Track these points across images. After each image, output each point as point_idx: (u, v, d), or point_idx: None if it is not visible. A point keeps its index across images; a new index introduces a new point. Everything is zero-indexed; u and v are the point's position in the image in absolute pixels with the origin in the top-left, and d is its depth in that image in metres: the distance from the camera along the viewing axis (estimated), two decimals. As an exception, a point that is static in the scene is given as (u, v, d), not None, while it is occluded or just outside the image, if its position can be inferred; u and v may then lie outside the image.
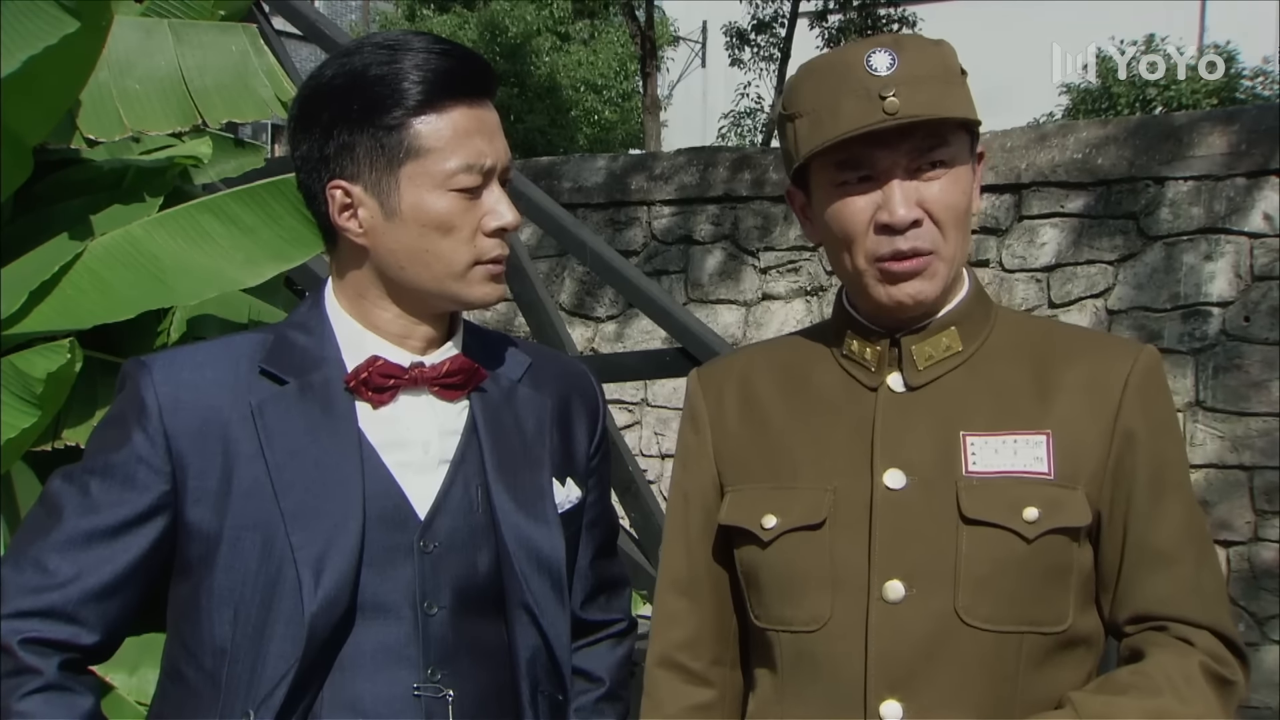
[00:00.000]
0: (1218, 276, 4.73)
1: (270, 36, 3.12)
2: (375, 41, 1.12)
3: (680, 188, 5.99)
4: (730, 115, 9.67)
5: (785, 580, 1.14)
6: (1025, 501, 1.09)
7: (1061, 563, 1.10)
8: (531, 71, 10.64)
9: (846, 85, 1.09)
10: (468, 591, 1.14)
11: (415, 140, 1.08)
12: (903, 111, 1.07)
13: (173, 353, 1.21)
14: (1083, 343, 1.18)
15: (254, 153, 2.86)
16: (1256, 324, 4.65)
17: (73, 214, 2.43)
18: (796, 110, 1.13)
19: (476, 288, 1.14)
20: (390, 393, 1.14)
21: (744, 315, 5.84)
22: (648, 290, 3.64)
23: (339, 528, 1.10)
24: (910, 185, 1.10)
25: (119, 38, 2.42)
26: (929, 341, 1.15)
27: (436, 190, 1.09)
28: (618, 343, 6.11)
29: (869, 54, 1.09)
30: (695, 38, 12.70)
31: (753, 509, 1.16)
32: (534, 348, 1.30)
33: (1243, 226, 4.70)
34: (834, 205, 1.13)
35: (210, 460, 1.11)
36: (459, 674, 1.12)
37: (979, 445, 1.11)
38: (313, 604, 1.08)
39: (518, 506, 1.15)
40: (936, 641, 1.08)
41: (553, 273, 6.23)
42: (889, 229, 1.10)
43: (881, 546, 1.10)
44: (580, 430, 1.24)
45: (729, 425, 1.21)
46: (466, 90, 1.08)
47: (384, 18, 12.87)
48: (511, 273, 3.71)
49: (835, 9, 8.77)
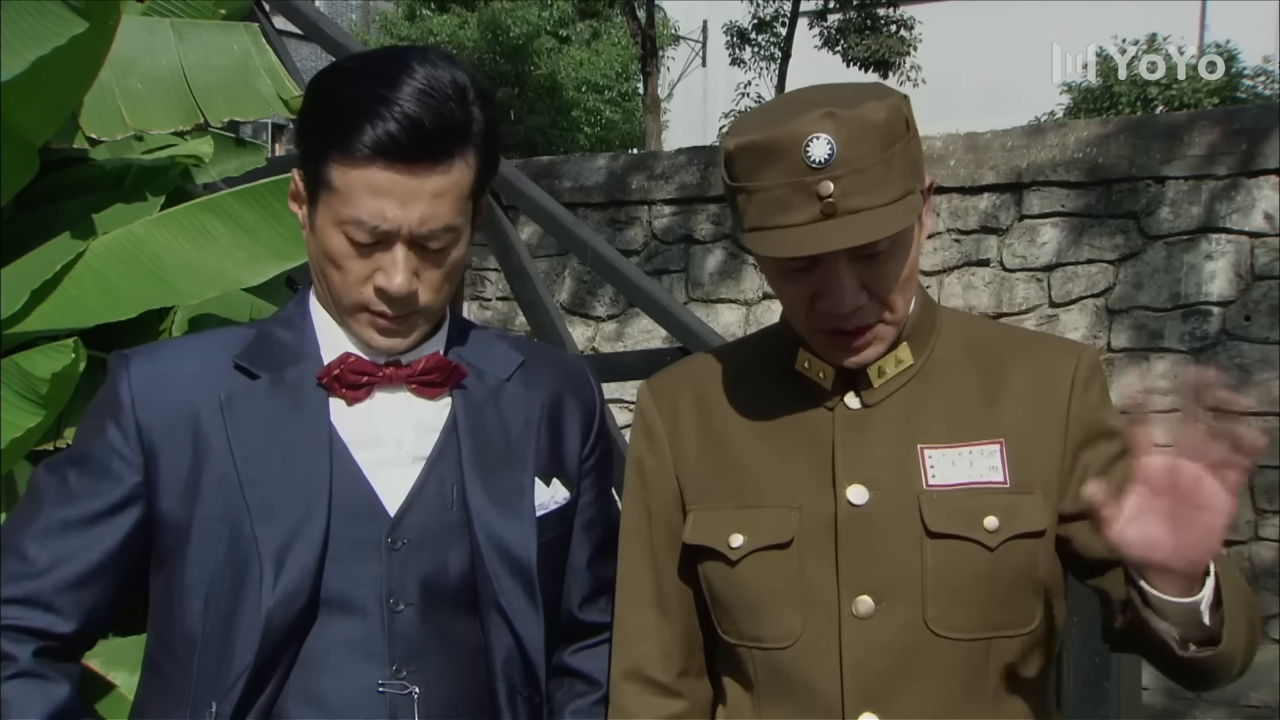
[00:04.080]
0: (1218, 275, 4.74)
1: (271, 35, 3.12)
2: (384, 62, 1.11)
3: (681, 187, 6.00)
4: (731, 114, 9.67)
5: (755, 599, 1.14)
6: (985, 511, 1.10)
7: (1025, 566, 1.11)
8: (532, 71, 10.64)
9: (784, 172, 1.06)
10: (438, 589, 1.13)
11: (330, 176, 1.09)
12: (842, 208, 1.05)
13: (154, 346, 1.22)
14: (1025, 345, 1.19)
15: (255, 152, 2.86)
16: (1257, 323, 4.66)
17: (75, 213, 2.43)
18: (739, 184, 1.10)
19: (362, 329, 1.14)
20: (365, 390, 1.14)
21: (745, 314, 5.84)
22: (648, 289, 3.65)
23: (303, 521, 1.10)
24: (851, 269, 1.08)
25: (121, 37, 2.42)
26: (882, 361, 1.15)
27: (332, 227, 1.09)
28: (618, 342, 6.12)
29: (807, 140, 1.05)
30: (696, 37, 12.71)
31: (718, 529, 1.16)
32: (531, 346, 1.30)
33: (1243, 226, 4.71)
34: (777, 282, 1.14)
35: (181, 452, 1.12)
36: (427, 672, 1.12)
37: (936, 458, 1.12)
38: (270, 599, 1.08)
39: (493, 505, 1.15)
40: (908, 654, 1.10)
41: (553, 272, 6.23)
42: (833, 314, 1.10)
43: (849, 563, 1.11)
44: (572, 430, 1.23)
45: (686, 443, 1.20)
46: (399, 154, 1.06)
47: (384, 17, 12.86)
48: (511, 272, 3.72)
49: (835, 8, 8.77)
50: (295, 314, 1.19)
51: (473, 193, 1.12)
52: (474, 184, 1.12)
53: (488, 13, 10.84)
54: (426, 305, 1.12)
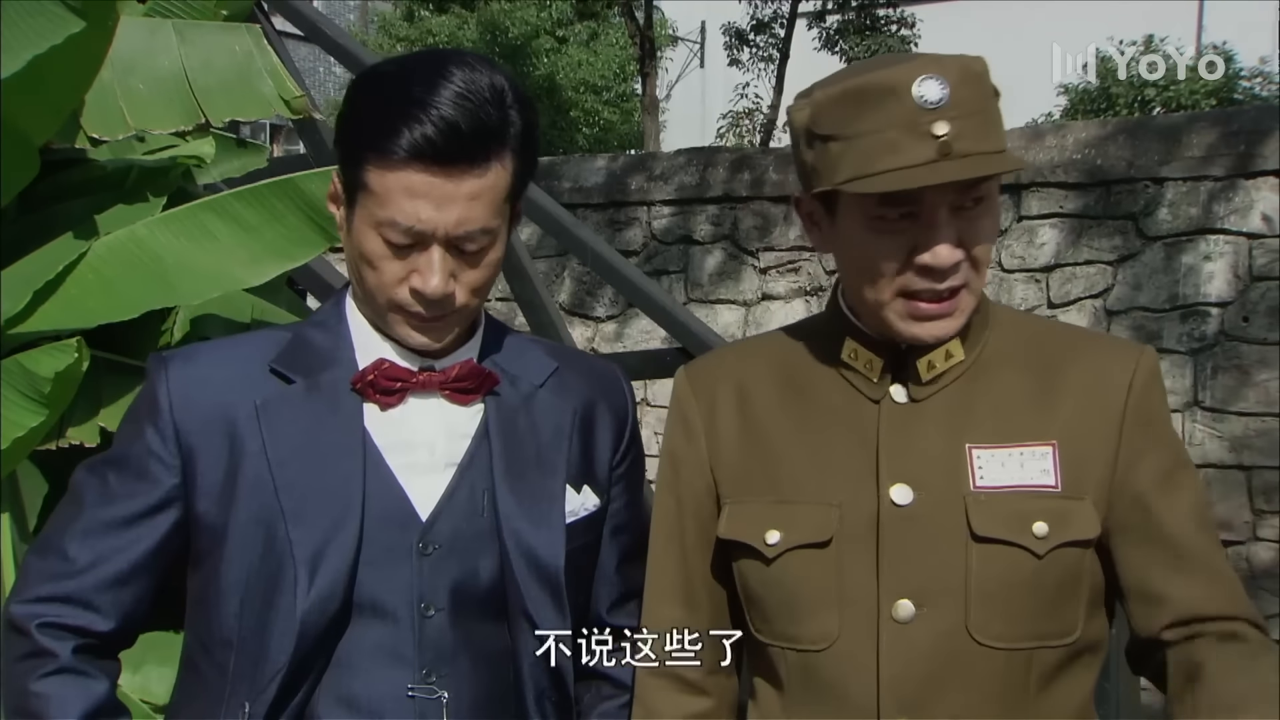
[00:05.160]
0: (1216, 277, 4.76)
1: (272, 36, 3.13)
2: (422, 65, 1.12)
3: (680, 188, 6.01)
4: (729, 115, 9.68)
5: (790, 598, 1.11)
6: (1034, 516, 1.06)
7: (1072, 575, 1.08)
8: (531, 72, 10.64)
9: (893, 116, 1.02)
10: (468, 595, 1.14)
11: (366, 179, 1.10)
12: (956, 150, 1.01)
13: (193, 348, 1.24)
14: (1081, 344, 1.15)
15: (256, 152, 2.87)
16: (1255, 324, 4.67)
17: (76, 214, 2.44)
18: (832, 132, 1.05)
19: (397, 328, 1.15)
20: (398, 395, 1.15)
21: (744, 315, 5.85)
22: (648, 290, 3.66)
23: (337, 526, 1.11)
24: (952, 225, 1.05)
25: (122, 37, 2.42)
26: (933, 354, 1.11)
27: (369, 229, 1.11)
28: (617, 342, 6.13)
29: (917, 80, 1.02)
30: (694, 38, 12.71)
31: (754, 524, 1.13)
32: (564, 351, 1.30)
33: (1241, 227, 4.73)
34: (866, 238, 1.07)
35: (217, 455, 1.14)
36: (457, 676, 1.13)
37: (985, 458, 1.08)
38: (305, 601, 1.09)
39: (522, 512, 1.16)
40: (948, 661, 1.06)
41: (552, 272, 6.24)
42: (929, 271, 1.05)
43: (890, 565, 1.08)
44: (604, 437, 1.23)
45: (724, 433, 1.17)
46: (435, 157, 1.07)
47: (382, 18, 12.85)
48: (511, 272, 3.72)
49: (834, 9, 8.78)
50: (331, 316, 1.20)
51: (510, 195, 1.13)
52: (511, 186, 1.12)
53: (486, 13, 10.85)
54: (463, 306, 1.13)
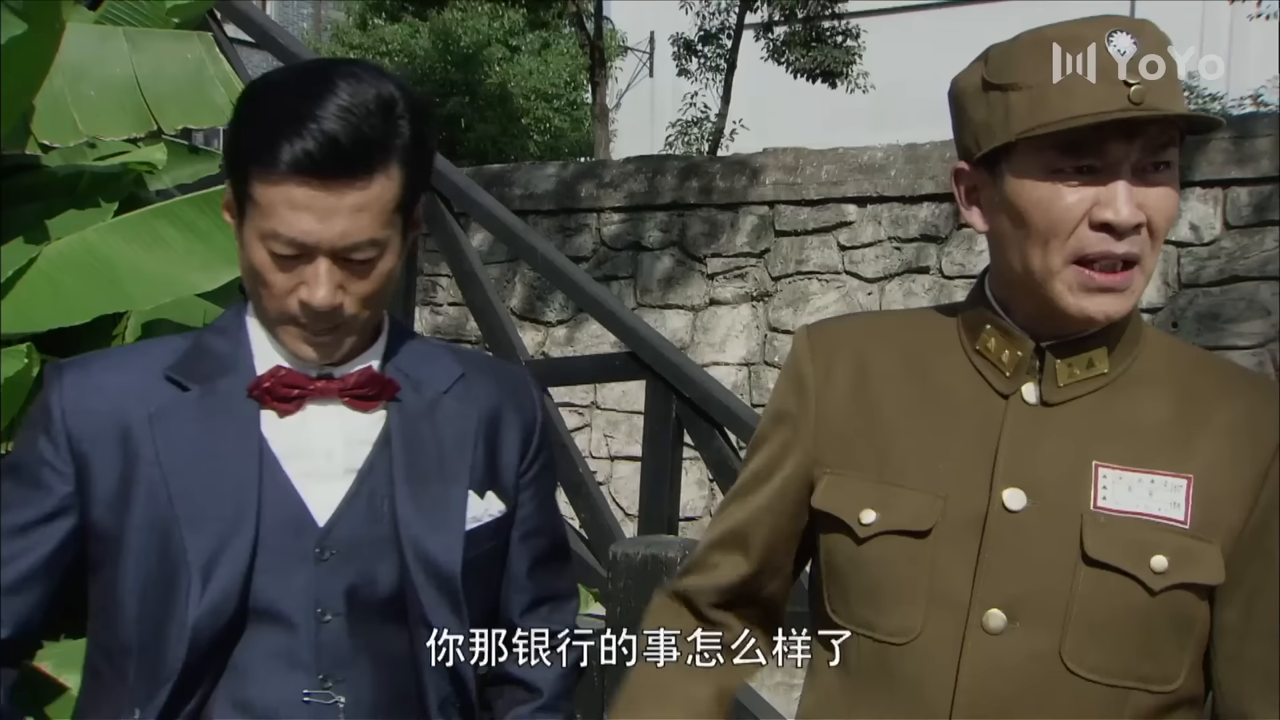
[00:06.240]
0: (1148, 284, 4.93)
1: (224, 44, 3.14)
2: (308, 76, 1.11)
3: (629, 195, 6.08)
4: (678, 124, 9.77)
5: (876, 583, 1.06)
6: (1155, 549, 0.99)
7: (1184, 620, 1.01)
8: (483, 80, 10.65)
9: (1084, 64, 0.97)
10: (367, 600, 1.14)
11: (252, 191, 1.09)
12: (1148, 103, 0.96)
13: (89, 356, 1.22)
14: (1237, 382, 1.08)
15: (209, 159, 2.88)
16: (1184, 329, 4.85)
17: (27, 219, 2.43)
18: (1014, 81, 1.00)
19: (288, 341, 1.14)
20: (296, 402, 1.15)
21: (692, 320, 5.94)
22: (597, 295, 3.71)
23: (232, 532, 1.11)
24: (1134, 186, 0.99)
25: (73, 44, 2.43)
26: (1077, 358, 1.04)
27: (256, 241, 1.10)
28: (568, 346, 6.18)
29: (1109, 32, 0.98)
30: (643, 48, 12.80)
31: (852, 499, 1.08)
32: (473, 357, 1.29)
33: (1171, 236, 4.90)
34: (1042, 192, 0.99)
35: (112, 463, 1.13)
36: (355, 681, 1.13)
37: (1112, 479, 1.02)
38: (197, 608, 1.09)
39: (422, 518, 1.15)
40: (1035, 684, 1.00)
41: (504, 278, 6.27)
42: (1109, 229, 0.98)
43: (989, 570, 1.02)
44: (510, 443, 1.23)
45: (836, 398, 1.11)
46: (316, 171, 1.06)
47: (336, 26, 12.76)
48: (463, 278, 3.77)
49: (780, 21, 8.91)
50: (232, 324, 1.19)
51: (400, 205, 1.11)
52: (400, 197, 1.11)
53: (439, 22, 10.83)
54: (354, 317, 1.12)
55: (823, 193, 5.67)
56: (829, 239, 5.68)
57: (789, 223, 5.76)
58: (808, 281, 5.72)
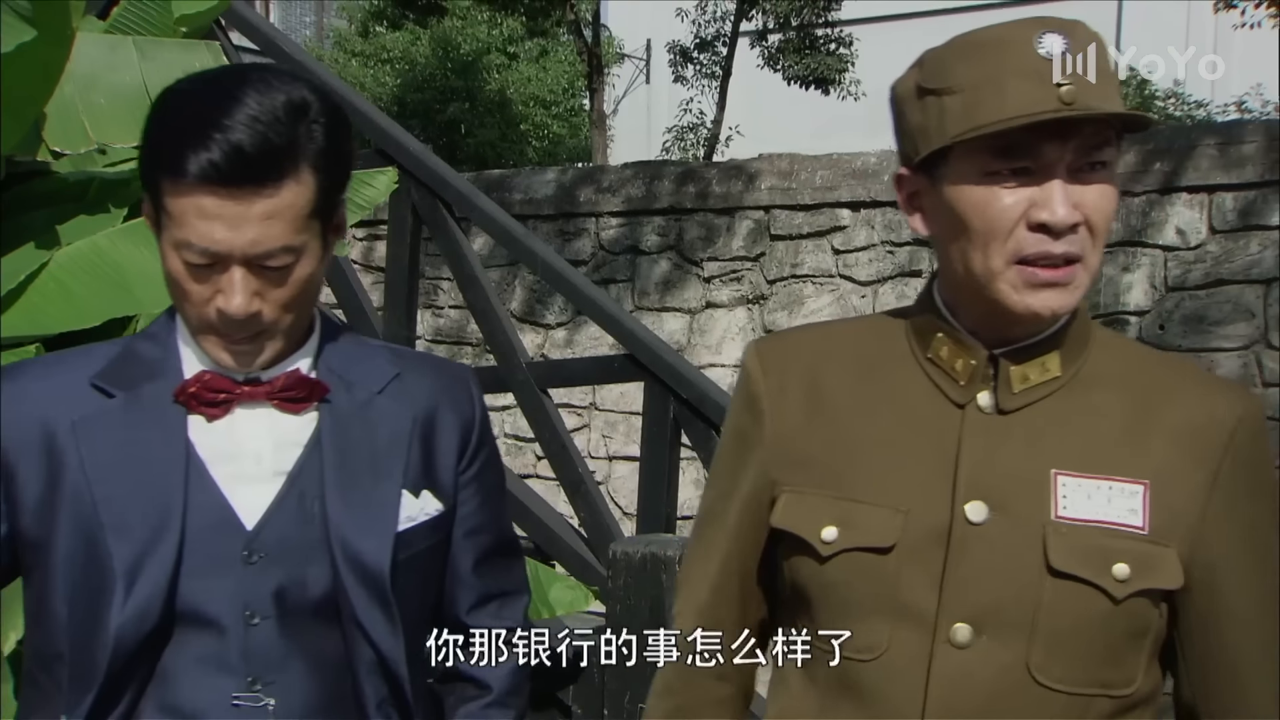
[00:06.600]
0: (1134, 287, 4.99)
1: (230, 53, 3.20)
2: (217, 84, 1.10)
3: (627, 200, 6.14)
4: (674, 130, 9.83)
5: (841, 601, 1.05)
6: (1116, 557, 0.99)
7: (1143, 625, 1.02)
8: (483, 87, 10.70)
9: (1013, 64, 0.97)
10: (298, 602, 1.14)
11: (164, 201, 1.09)
12: (1079, 103, 0.96)
13: (21, 364, 1.22)
14: (1185, 380, 1.07)
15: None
16: (1170, 331, 4.91)
17: (38, 225, 2.49)
18: (947, 85, 1.00)
19: (210, 349, 1.13)
20: (224, 406, 1.14)
21: (688, 322, 5.99)
22: (596, 298, 3.76)
23: (157, 538, 1.11)
24: (1070, 186, 0.98)
25: (84, 53, 2.49)
26: (1030, 363, 1.03)
27: (171, 250, 1.09)
28: (567, 349, 6.23)
29: (1038, 34, 0.97)
30: (640, 55, 12.86)
31: (812, 518, 1.06)
32: (411, 357, 1.29)
33: (1157, 240, 4.97)
34: (979, 195, 0.99)
35: (37, 471, 1.13)
36: (287, 683, 1.13)
37: (1071, 487, 1.01)
38: (120, 615, 1.09)
39: (352, 520, 1.15)
40: (1002, 697, 1.00)
41: (504, 281, 6.33)
42: (1046, 229, 0.98)
43: (954, 585, 1.01)
44: (448, 442, 1.22)
45: (790, 415, 1.09)
46: (222, 180, 1.05)
47: (338, 33, 12.81)
48: (464, 281, 3.82)
49: (775, 29, 8.98)
50: (163, 330, 1.18)
51: (315, 210, 1.10)
52: (314, 203, 1.10)
53: (440, 30, 10.89)
54: (273, 324, 1.11)
55: (817, 198, 5.73)
56: (823, 243, 5.74)
57: (784, 227, 5.82)
58: (802, 285, 5.78)
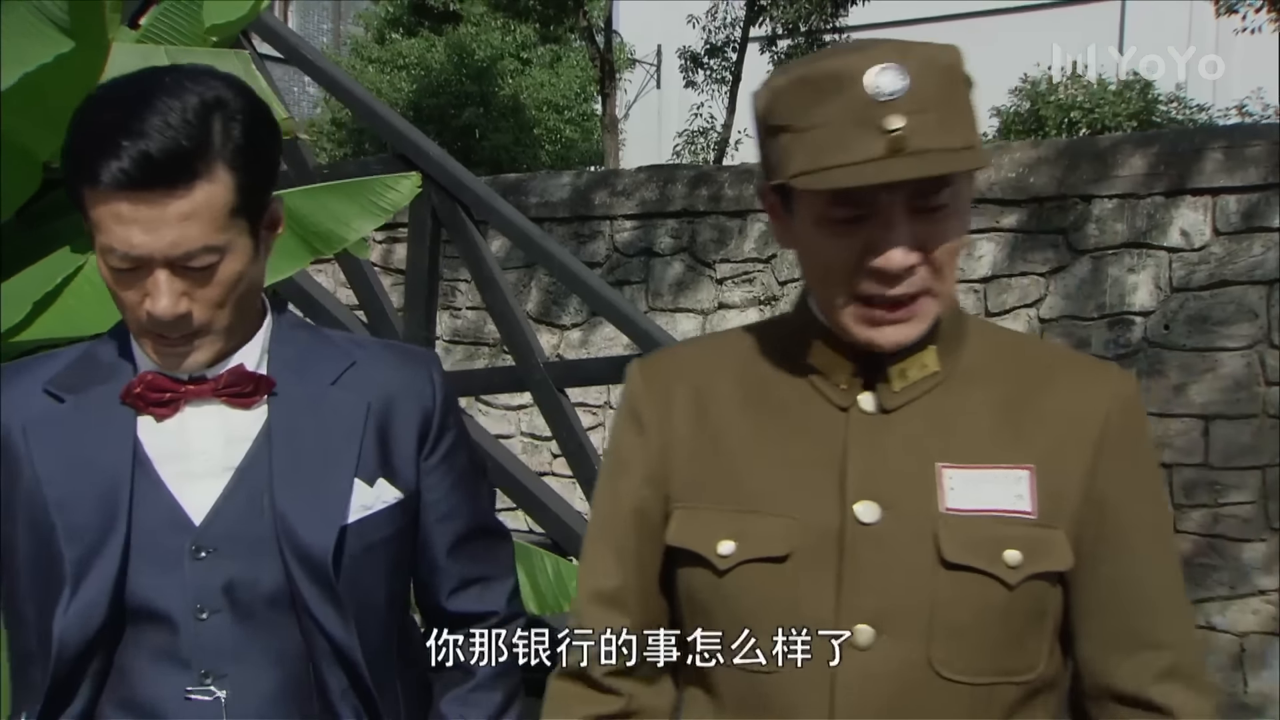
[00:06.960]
0: (1140, 288, 5.03)
1: (257, 61, 3.29)
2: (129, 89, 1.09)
3: (641, 203, 6.21)
4: (685, 134, 9.91)
5: (741, 614, 1.03)
6: (1007, 543, 0.99)
7: (1040, 609, 1.01)
8: (497, 92, 10.81)
9: (843, 107, 0.94)
10: (249, 596, 1.14)
11: (86, 207, 1.08)
12: (910, 146, 0.93)
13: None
14: (1060, 364, 1.07)
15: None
16: (1175, 332, 4.96)
17: (73, 230, 2.57)
18: (784, 123, 0.98)
19: (148, 351, 1.14)
20: (172, 405, 1.15)
21: (702, 323, 6.06)
22: (611, 299, 3.82)
23: (104, 537, 1.12)
24: (909, 225, 0.96)
25: (117, 62, 2.56)
26: (906, 362, 1.03)
27: (100, 258, 1.09)
28: (582, 349, 6.31)
29: (873, 70, 0.93)
30: (651, 61, 12.95)
31: (706, 532, 1.05)
32: (370, 346, 1.27)
33: (1162, 241, 5.01)
34: (817, 238, 0.99)
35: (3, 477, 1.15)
36: (241, 676, 1.14)
37: (958, 479, 1.01)
38: (63, 617, 1.11)
39: (300, 512, 1.15)
40: (907, 693, 1.00)
41: (520, 283, 6.41)
42: (880, 275, 0.97)
43: (851, 587, 1.00)
44: (406, 430, 1.21)
45: (678, 431, 1.09)
46: (133, 185, 1.05)
47: (354, 40, 12.93)
48: (482, 283, 3.89)
49: (783, 34, 9.05)
50: (121, 331, 1.18)
51: (237, 208, 1.09)
52: (234, 200, 1.08)
53: (454, 37, 11.00)
54: (206, 323, 1.11)
55: (827, 201, 5.78)
56: (834, 246, 5.79)
57: (795, 230, 5.87)
58: (813, 287, 5.82)
